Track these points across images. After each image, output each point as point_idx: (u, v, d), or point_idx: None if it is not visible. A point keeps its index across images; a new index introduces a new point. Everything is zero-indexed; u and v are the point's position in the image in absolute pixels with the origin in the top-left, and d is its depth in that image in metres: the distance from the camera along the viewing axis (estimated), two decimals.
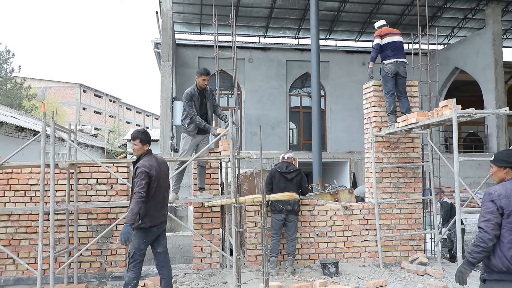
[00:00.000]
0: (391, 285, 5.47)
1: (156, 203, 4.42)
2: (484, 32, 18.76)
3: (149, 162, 4.42)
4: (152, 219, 4.39)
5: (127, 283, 4.33)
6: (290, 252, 6.20)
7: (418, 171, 7.01)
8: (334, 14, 19.48)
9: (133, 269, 4.35)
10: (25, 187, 5.92)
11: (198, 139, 6.18)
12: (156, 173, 4.39)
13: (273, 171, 6.35)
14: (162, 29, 15.82)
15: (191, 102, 6.05)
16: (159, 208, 4.47)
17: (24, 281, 5.76)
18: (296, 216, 6.27)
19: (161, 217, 4.51)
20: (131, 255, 4.37)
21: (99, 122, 45.37)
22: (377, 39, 6.83)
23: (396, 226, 6.82)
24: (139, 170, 4.34)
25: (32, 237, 5.82)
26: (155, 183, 4.38)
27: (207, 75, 6.10)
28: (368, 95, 7.14)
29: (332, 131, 20.12)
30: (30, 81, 39.43)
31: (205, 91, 6.22)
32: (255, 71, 19.69)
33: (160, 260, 4.55)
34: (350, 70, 20.35)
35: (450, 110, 5.21)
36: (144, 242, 4.41)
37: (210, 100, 6.26)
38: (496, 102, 17.87)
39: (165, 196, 4.62)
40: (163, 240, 4.58)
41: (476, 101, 16.58)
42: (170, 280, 4.58)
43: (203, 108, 6.18)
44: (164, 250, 4.58)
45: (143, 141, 4.49)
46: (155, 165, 4.44)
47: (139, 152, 4.51)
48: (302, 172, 6.37)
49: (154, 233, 4.45)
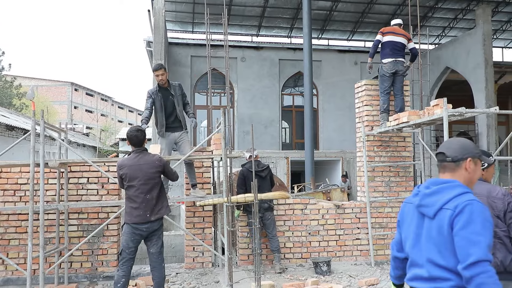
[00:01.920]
0: (383, 284, 5.50)
1: (131, 201, 4.35)
2: (474, 32, 18.93)
3: (125, 160, 4.46)
4: (129, 217, 4.33)
5: (116, 281, 4.30)
6: (275, 249, 6.19)
7: (409, 170, 7.05)
8: (326, 13, 19.53)
9: (121, 267, 4.32)
10: (14, 187, 5.85)
11: (173, 136, 5.93)
12: (126, 172, 4.34)
13: (244, 171, 6.30)
14: (154, 28, 15.74)
15: (149, 99, 5.84)
16: (135, 207, 4.32)
17: (14, 282, 5.70)
18: (272, 213, 6.28)
19: (140, 217, 4.31)
20: (120, 252, 4.37)
21: (90, 121, 45.05)
22: (379, 35, 6.88)
23: (387, 224, 6.85)
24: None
25: (22, 237, 5.76)
26: (127, 182, 4.34)
27: (158, 70, 5.76)
28: (360, 94, 7.16)
29: (325, 130, 20.17)
30: (20, 79, 39.04)
31: (172, 87, 5.90)
32: (248, 70, 19.67)
33: (153, 260, 4.48)
34: (342, 69, 20.41)
35: (441, 109, 5.24)
36: (132, 240, 4.32)
37: (178, 96, 5.92)
38: (487, 101, 18.04)
39: (144, 198, 4.35)
40: (156, 240, 4.47)
41: (466, 101, 16.75)
42: (162, 281, 4.52)
43: (169, 107, 5.87)
44: (157, 251, 4.48)
45: (127, 138, 4.55)
46: (129, 163, 4.38)
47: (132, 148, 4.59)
48: (270, 168, 6.44)
49: (142, 232, 4.33)
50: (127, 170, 4.34)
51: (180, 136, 5.97)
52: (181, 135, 5.97)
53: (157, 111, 5.87)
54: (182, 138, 5.98)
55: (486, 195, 2.72)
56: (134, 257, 4.42)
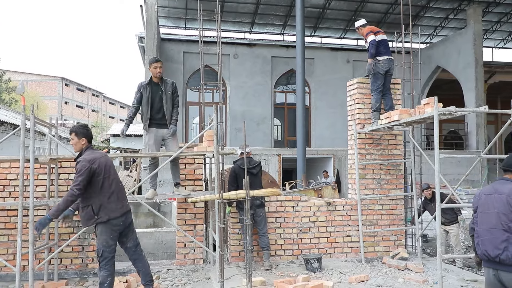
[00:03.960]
0: (373, 280, 5.55)
1: (109, 194, 4.22)
2: (465, 32, 19.11)
3: (91, 155, 4.23)
4: (109, 212, 4.19)
5: (102, 282, 4.18)
6: (265, 246, 6.21)
7: (400, 168, 7.11)
8: (319, 11, 19.57)
9: (105, 267, 4.18)
10: (3, 182, 5.80)
11: (161, 133, 5.90)
12: (100, 165, 4.20)
13: (236, 168, 6.30)
14: (147, 23, 15.64)
15: (138, 93, 5.82)
16: (115, 199, 4.25)
17: (3, 278, 5.65)
18: (264, 210, 6.30)
19: (121, 208, 4.28)
20: (100, 253, 4.19)
21: (81, 117, 44.67)
22: (371, 35, 6.83)
23: (378, 222, 6.91)
24: (79, 165, 4.16)
25: (11, 233, 5.71)
26: (102, 175, 4.20)
27: (156, 62, 5.76)
28: (352, 92, 7.19)
29: (317, 128, 20.24)
30: (10, 73, 38.50)
31: (165, 84, 5.87)
32: (240, 67, 19.65)
33: (132, 254, 4.43)
34: (334, 67, 20.49)
35: (431, 108, 5.29)
36: (111, 238, 4.22)
37: (168, 93, 5.87)
38: (476, 100, 18.24)
39: (120, 187, 4.37)
40: (131, 234, 4.42)
41: (457, 100, 16.90)
42: (148, 269, 4.47)
43: (156, 102, 5.83)
44: (134, 243, 4.43)
45: (78, 134, 4.32)
46: (99, 157, 4.25)
47: (77, 148, 4.35)
48: (261, 164, 6.45)
49: (119, 226, 4.27)
50: (98, 164, 4.18)
51: (168, 133, 5.95)
52: (169, 132, 5.95)
53: (143, 105, 5.85)
54: (170, 135, 5.96)
55: (507, 193, 3.24)
56: (115, 255, 4.30)
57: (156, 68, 5.78)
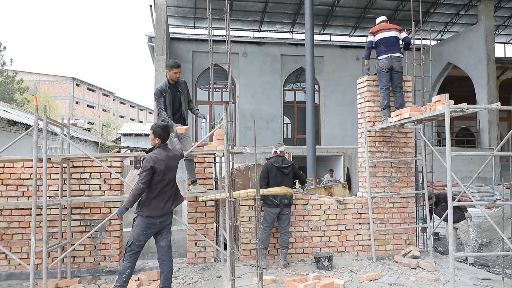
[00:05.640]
0: (384, 278, 5.52)
1: (157, 194, 4.44)
2: (476, 27, 18.86)
3: (156, 154, 4.49)
4: (151, 210, 4.41)
5: (122, 272, 4.36)
6: (284, 245, 6.23)
7: (411, 166, 7.06)
8: (328, 8, 19.47)
9: (128, 259, 4.38)
10: (17, 182, 5.88)
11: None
12: (161, 166, 4.44)
13: (269, 165, 6.34)
14: (156, 23, 15.71)
15: (161, 98, 5.90)
16: (160, 200, 4.47)
17: (17, 276, 5.74)
18: (290, 209, 6.32)
19: (163, 210, 4.48)
20: (129, 244, 4.39)
21: (92, 116, 45.01)
22: (370, 36, 7.01)
23: (389, 220, 6.87)
24: (144, 161, 4.46)
25: (25, 232, 5.80)
26: (160, 176, 4.43)
27: (178, 68, 5.89)
28: (362, 89, 7.15)
29: (326, 126, 20.17)
30: (22, 74, 39.00)
31: (178, 84, 6.01)
32: (250, 65, 19.65)
33: (162, 254, 4.56)
34: (344, 65, 20.38)
35: (443, 105, 5.23)
36: (144, 234, 4.41)
37: (184, 93, 6.03)
38: (488, 97, 18.01)
39: (170, 190, 4.59)
40: (167, 234, 4.60)
41: (468, 96, 16.70)
42: (170, 275, 4.58)
43: (176, 103, 5.97)
44: (167, 244, 4.59)
45: (155, 133, 4.62)
46: (163, 158, 4.49)
47: (152, 143, 4.66)
48: (295, 165, 6.43)
49: (156, 226, 4.46)
50: (161, 164, 4.45)
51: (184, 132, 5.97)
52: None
53: (166, 108, 5.94)
54: (185, 134, 6.00)
55: None
56: (141, 251, 4.49)
57: (176, 73, 5.90)
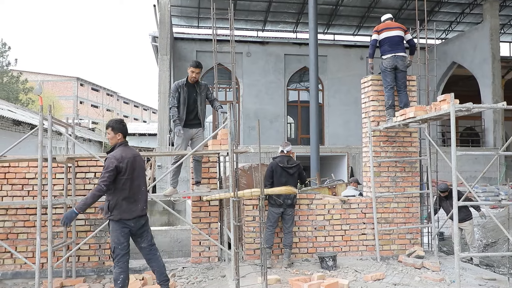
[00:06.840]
0: (389, 278, 5.50)
1: (127, 196, 4.25)
2: (481, 26, 18.76)
3: (121, 153, 4.26)
4: (122, 213, 4.22)
5: (116, 278, 4.23)
6: (287, 245, 6.22)
7: (415, 165, 7.03)
8: (332, 8, 19.43)
9: (118, 264, 4.22)
10: (22, 181, 5.91)
11: (190, 133, 6.03)
12: (127, 165, 4.23)
13: (274, 165, 6.32)
14: (160, 23, 15.74)
15: (176, 93, 5.92)
16: (131, 201, 4.27)
17: (22, 275, 5.77)
18: (294, 209, 6.30)
19: (135, 212, 4.29)
20: (113, 250, 4.24)
21: (96, 116, 45.21)
22: (374, 35, 6.98)
23: (393, 219, 6.85)
24: (107, 161, 4.22)
25: (30, 231, 5.82)
26: (126, 175, 4.22)
27: (196, 67, 5.91)
28: (366, 89, 7.13)
29: (330, 125, 20.13)
30: (26, 74, 39.20)
31: (198, 86, 6.02)
32: (253, 65, 19.65)
33: (146, 253, 4.47)
34: (348, 64, 20.34)
35: (448, 105, 5.21)
36: (123, 235, 4.25)
37: (202, 95, 6.04)
38: (493, 96, 17.91)
39: (141, 190, 4.40)
40: (146, 234, 4.44)
41: (473, 96, 16.61)
42: (163, 269, 4.51)
43: (191, 103, 5.97)
44: (149, 244, 4.46)
45: (114, 129, 4.36)
46: (128, 156, 4.27)
47: (112, 142, 4.41)
48: (300, 165, 6.41)
49: (130, 228, 4.28)
50: (126, 163, 4.23)
51: (197, 133, 6.09)
52: (197, 132, 6.09)
53: (179, 105, 5.95)
54: (198, 135, 6.13)
55: None
56: (129, 251, 4.33)
57: (193, 72, 5.92)
